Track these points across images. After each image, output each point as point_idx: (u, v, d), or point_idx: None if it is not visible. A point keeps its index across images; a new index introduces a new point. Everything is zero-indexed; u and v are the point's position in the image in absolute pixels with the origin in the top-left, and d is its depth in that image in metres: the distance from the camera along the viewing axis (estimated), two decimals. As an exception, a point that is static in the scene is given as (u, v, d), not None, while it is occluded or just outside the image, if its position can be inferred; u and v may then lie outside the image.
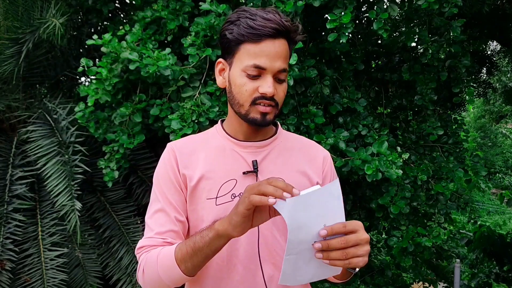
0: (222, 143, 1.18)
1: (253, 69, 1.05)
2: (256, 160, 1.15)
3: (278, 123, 1.26)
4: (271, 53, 1.05)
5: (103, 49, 2.60)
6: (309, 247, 0.89)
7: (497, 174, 15.23)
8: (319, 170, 1.22)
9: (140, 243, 1.12)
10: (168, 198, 1.13)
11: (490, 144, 16.00)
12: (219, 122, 1.25)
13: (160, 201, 1.13)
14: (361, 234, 0.88)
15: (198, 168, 1.14)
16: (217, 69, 1.16)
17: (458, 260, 4.63)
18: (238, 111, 1.11)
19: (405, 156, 2.75)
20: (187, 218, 1.16)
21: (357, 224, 0.89)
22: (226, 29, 1.09)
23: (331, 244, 0.86)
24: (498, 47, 6.21)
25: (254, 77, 1.06)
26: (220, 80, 1.15)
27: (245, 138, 1.17)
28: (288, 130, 2.62)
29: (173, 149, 1.17)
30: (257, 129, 1.16)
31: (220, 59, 1.15)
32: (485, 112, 15.85)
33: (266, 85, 1.06)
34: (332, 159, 2.66)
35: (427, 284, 4.15)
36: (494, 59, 5.88)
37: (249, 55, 1.05)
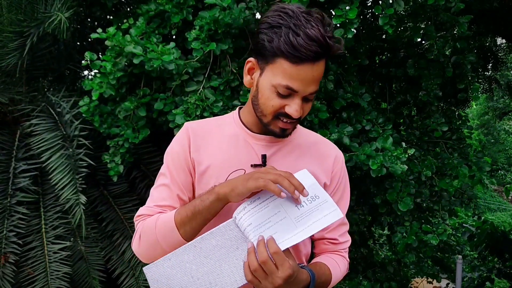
0: (236, 131, 1.18)
1: (284, 90, 1.02)
2: (265, 155, 1.15)
3: None
4: (307, 77, 1.00)
5: (107, 42, 2.58)
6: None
7: (500, 171, 15.19)
8: (328, 169, 1.21)
9: (139, 211, 1.17)
10: (174, 176, 1.16)
11: (492, 141, 15.94)
12: (237, 109, 1.24)
13: (167, 177, 1.17)
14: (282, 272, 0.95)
15: (208, 153, 1.16)
16: (246, 67, 1.12)
17: (460, 256, 4.64)
18: (260, 117, 1.11)
19: (411, 151, 2.74)
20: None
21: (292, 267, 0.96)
22: (265, 33, 1.01)
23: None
24: (503, 42, 6.16)
25: (283, 96, 1.03)
26: (247, 80, 1.12)
27: (259, 131, 1.17)
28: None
29: (188, 130, 1.19)
30: None
31: (251, 59, 1.10)
32: (488, 109, 15.76)
33: (294, 108, 1.03)
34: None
35: (430, 279, 4.15)
36: (500, 55, 5.83)
37: (284, 74, 1.00)
